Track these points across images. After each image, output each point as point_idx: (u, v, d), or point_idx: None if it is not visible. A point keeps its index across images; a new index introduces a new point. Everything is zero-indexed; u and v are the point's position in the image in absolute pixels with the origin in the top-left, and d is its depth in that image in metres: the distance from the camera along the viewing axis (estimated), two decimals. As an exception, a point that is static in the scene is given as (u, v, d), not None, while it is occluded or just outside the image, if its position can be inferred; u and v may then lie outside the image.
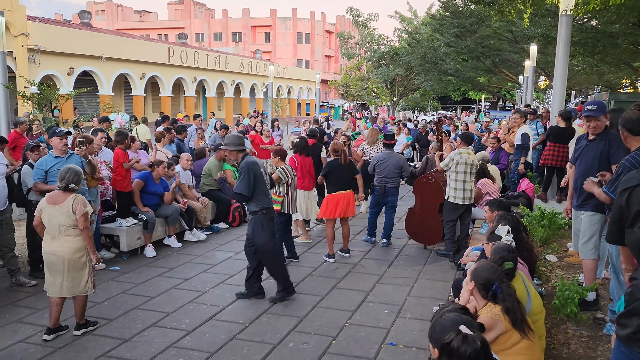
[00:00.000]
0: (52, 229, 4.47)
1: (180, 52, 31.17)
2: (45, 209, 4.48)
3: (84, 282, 4.58)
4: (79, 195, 4.56)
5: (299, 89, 50.26)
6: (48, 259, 4.52)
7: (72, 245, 4.48)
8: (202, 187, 8.89)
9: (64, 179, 4.50)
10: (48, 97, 10.70)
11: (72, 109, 20.05)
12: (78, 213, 4.44)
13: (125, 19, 69.31)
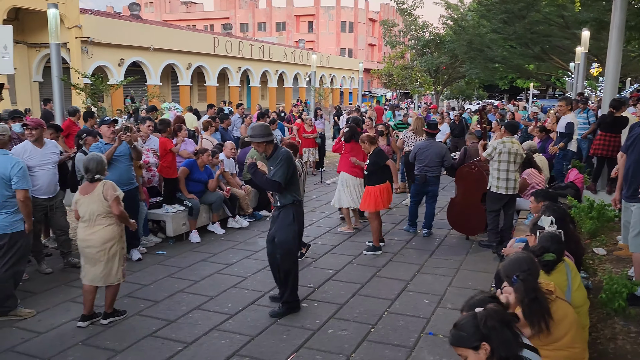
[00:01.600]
0: (86, 218, 4.56)
1: (225, 42, 31.58)
2: (80, 200, 4.58)
3: (114, 272, 4.65)
4: (107, 181, 4.63)
5: (342, 78, 50.07)
6: (81, 247, 4.64)
7: (103, 234, 4.55)
8: (245, 175, 9.04)
9: (89, 170, 4.56)
10: (100, 87, 11.09)
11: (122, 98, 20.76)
12: (110, 198, 4.51)
13: (173, 10, 70.72)
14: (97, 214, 4.53)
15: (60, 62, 9.25)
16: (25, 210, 4.72)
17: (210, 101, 29.67)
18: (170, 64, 27.77)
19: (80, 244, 4.65)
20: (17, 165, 4.64)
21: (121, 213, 4.59)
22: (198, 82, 33.11)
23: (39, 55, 23.48)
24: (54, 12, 8.87)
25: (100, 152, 5.98)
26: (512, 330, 2.12)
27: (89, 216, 4.54)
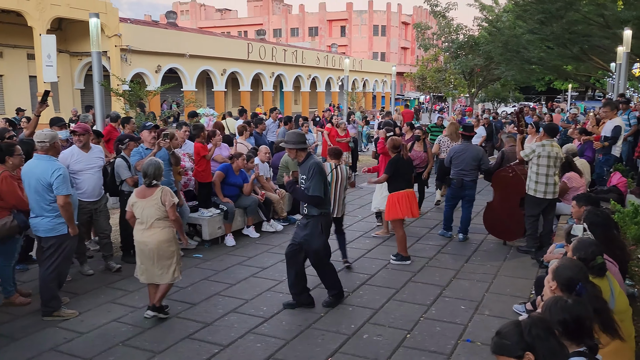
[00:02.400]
0: (143, 221, 4.75)
1: (258, 48, 31.94)
2: (136, 202, 4.76)
3: (171, 271, 4.83)
4: (165, 187, 4.82)
5: (375, 82, 49.91)
6: (139, 248, 4.82)
7: (161, 236, 4.73)
8: (279, 178, 9.10)
9: (147, 175, 4.75)
10: (138, 93, 11.38)
11: (159, 104, 21.22)
12: (168, 204, 4.71)
13: (208, 18, 72.00)
14: (154, 218, 4.69)
15: (101, 69, 9.53)
16: (65, 215, 4.85)
17: (244, 106, 30.05)
18: (205, 70, 28.25)
19: (138, 245, 4.81)
20: (57, 172, 4.76)
21: (177, 219, 4.79)
22: (232, 88, 33.58)
23: (81, 63, 24.27)
24: (95, 21, 9.16)
25: (140, 157, 6.16)
26: (557, 340, 2.06)
27: (146, 219, 4.71)
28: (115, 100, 12.02)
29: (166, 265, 4.80)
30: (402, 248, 6.69)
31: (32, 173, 4.79)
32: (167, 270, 4.81)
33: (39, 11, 19.58)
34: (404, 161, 6.74)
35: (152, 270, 4.79)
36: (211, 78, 29.46)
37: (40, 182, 4.74)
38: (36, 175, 4.75)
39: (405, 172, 6.75)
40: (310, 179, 4.91)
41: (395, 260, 6.66)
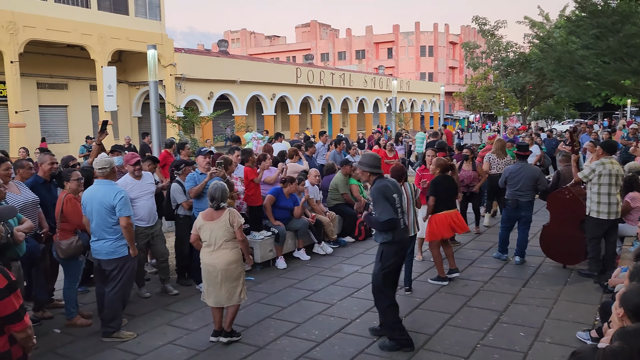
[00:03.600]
0: (211, 243, 4.84)
1: (307, 72, 32.48)
2: (204, 225, 4.86)
3: (238, 292, 4.90)
4: (232, 209, 4.94)
5: (423, 102, 49.59)
6: (206, 270, 4.89)
7: (228, 257, 4.82)
8: (330, 201, 9.13)
9: (214, 199, 4.84)
10: (192, 120, 11.77)
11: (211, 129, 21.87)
12: (236, 225, 4.81)
13: (258, 45, 74.03)
14: (223, 239, 4.79)
15: (158, 98, 9.94)
16: (127, 236, 5.04)
17: (293, 130, 30.51)
18: (255, 95, 28.95)
19: (205, 267, 4.89)
20: (119, 194, 4.98)
21: (245, 239, 4.91)
22: (282, 112, 34.20)
23: (138, 92, 25.43)
24: (153, 52, 9.59)
25: (194, 182, 6.34)
26: None
27: (214, 241, 4.80)
28: (171, 126, 12.48)
29: (233, 286, 4.86)
30: (439, 268, 6.62)
31: (93, 197, 5.01)
32: (234, 292, 4.87)
33: (101, 45, 20.77)
34: (447, 182, 6.64)
35: (219, 293, 4.85)
36: (261, 103, 30.15)
37: (102, 205, 4.95)
38: (98, 199, 4.97)
39: (448, 193, 6.67)
40: (376, 203, 4.74)
41: (432, 280, 6.59)
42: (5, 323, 2.64)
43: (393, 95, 23.34)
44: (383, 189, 4.71)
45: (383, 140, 14.29)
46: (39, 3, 18.92)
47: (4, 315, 2.61)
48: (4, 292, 2.59)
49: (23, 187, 5.39)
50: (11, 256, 4.50)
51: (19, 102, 18.59)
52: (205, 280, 4.93)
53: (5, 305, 2.59)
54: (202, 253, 4.93)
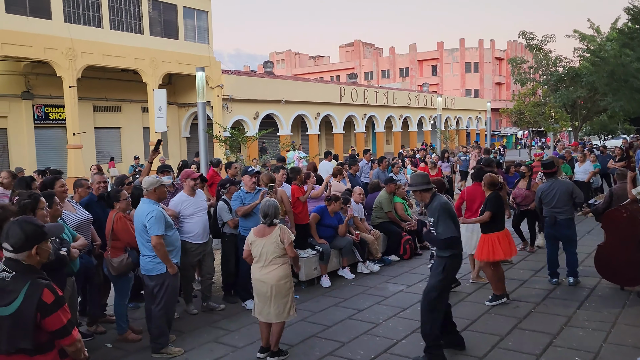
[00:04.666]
0: (261, 259, 4.92)
1: (350, 91, 32.65)
2: (255, 241, 4.96)
3: (287, 309, 4.93)
4: (283, 226, 5.01)
5: (468, 119, 48.83)
6: (257, 285, 4.97)
7: (278, 272, 4.88)
8: (374, 219, 9.08)
9: (267, 215, 4.93)
10: (238, 139, 12.03)
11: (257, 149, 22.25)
12: (286, 242, 4.88)
13: (302, 65, 75.15)
14: (273, 256, 4.87)
15: (206, 118, 10.23)
16: (159, 254, 5.07)
17: (337, 148, 30.63)
18: (300, 114, 29.31)
19: (255, 283, 4.97)
20: (150, 214, 5.05)
21: (295, 255, 4.98)
22: (326, 130, 34.43)
23: (187, 113, 26.24)
24: (201, 75, 9.92)
25: (240, 200, 6.46)
26: None
27: (265, 256, 4.89)
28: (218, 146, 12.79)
29: (282, 303, 4.90)
30: (497, 286, 6.42)
31: (136, 215, 5.19)
32: (284, 309, 4.91)
33: (153, 68, 21.62)
34: (501, 199, 6.52)
35: (268, 309, 4.90)
36: (305, 122, 30.47)
37: (140, 223, 5.10)
38: (137, 217, 5.14)
39: (503, 210, 6.55)
40: (438, 221, 4.79)
41: (490, 301, 6.38)
42: (55, 338, 2.73)
43: (438, 112, 23.17)
44: (445, 205, 4.83)
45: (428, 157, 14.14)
46: (95, 30, 19.93)
47: (53, 330, 2.70)
48: (52, 308, 2.68)
49: (78, 205, 5.64)
50: (67, 272, 4.69)
51: (77, 125, 19.52)
52: (255, 295, 5.00)
53: (53, 320, 2.68)
54: (253, 268, 5.01)
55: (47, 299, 2.67)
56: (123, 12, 20.97)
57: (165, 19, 22.57)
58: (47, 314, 2.66)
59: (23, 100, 20.64)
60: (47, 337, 2.70)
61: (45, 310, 2.65)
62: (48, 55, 18.48)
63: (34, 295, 2.65)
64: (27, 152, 20.66)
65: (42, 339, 2.69)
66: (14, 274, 2.69)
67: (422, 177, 5.00)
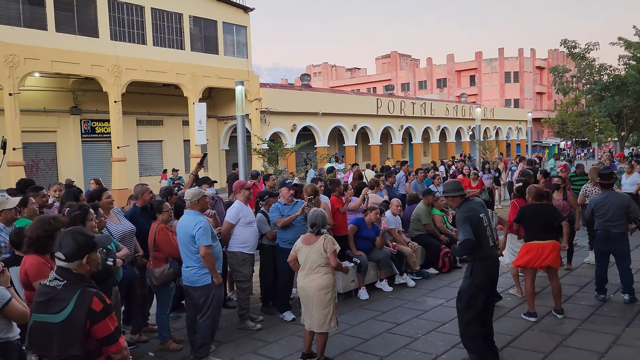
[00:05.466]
0: (305, 266, 5.02)
1: (387, 102, 32.61)
2: (301, 248, 5.07)
3: (329, 319, 4.95)
4: (328, 235, 5.07)
5: (508, 130, 47.88)
6: (301, 293, 5.10)
7: (320, 282, 4.94)
8: (412, 231, 9.00)
9: (315, 225, 5.03)
10: (276, 151, 12.17)
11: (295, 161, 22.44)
12: (329, 251, 4.93)
13: (339, 77, 75.57)
14: (316, 264, 4.95)
15: (245, 131, 10.41)
16: (207, 265, 5.16)
17: (374, 160, 30.56)
18: (337, 126, 29.43)
19: (300, 290, 5.08)
20: (198, 224, 5.14)
21: (338, 264, 5.03)
22: (362, 142, 34.43)
23: (226, 126, 26.76)
24: (240, 89, 10.12)
25: (279, 212, 6.52)
26: None
27: (309, 265, 4.98)
28: (256, 158, 12.98)
29: (324, 313, 4.93)
30: (529, 303, 6.32)
31: (180, 227, 5.29)
32: (325, 319, 4.94)
33: (193, 83, 22.20)
34: (539, 210, 6.32)
35: (311, 317, 4.98)
36: (342, 134, 30.56)
37: (186, 234, 5.19)
38: (183, 229, 5.23)
39: (542, 222, 6.28)
40: (458, 225, 4.97)
41: (525, 315, 6.29)
42: (102, 345, 2.82)
43: (477, 123, 22.83)
44: (466, 211, 4.91)
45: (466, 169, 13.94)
46: (139, 47, 20.64)
47: (101, 337, 2.79)
48: (100, 315, 2.77)
49: (122, 217, 5.82)
50: (112, 282, 4.84)
51: (121, 138, 20.18)
52: (301, 302, 5.12)
53: (101, 327, 2.77)
54: (298, 276, 5.12)
55: (96, 307, 2.76)
56: (165, 29, 21.65)
57: (205, 34, 23.18)
58: (96, 321, 2.75)
59: (71, 115, 21.55)
60: (95, 344, 2.80)
61: (94, 318, 2.75)
62: (95, 72, 19.23)
63: (84, 303, 2.75)
64: (74, 165, 21.48)
65: (91, 345, 2.79)
66: (65, 283, 2.81)
67: (455, 183, 5.18)
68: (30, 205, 5.34)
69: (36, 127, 20.03)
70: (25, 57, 17.20)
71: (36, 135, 20.02)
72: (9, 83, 16.86)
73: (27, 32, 17.51)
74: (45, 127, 20.75)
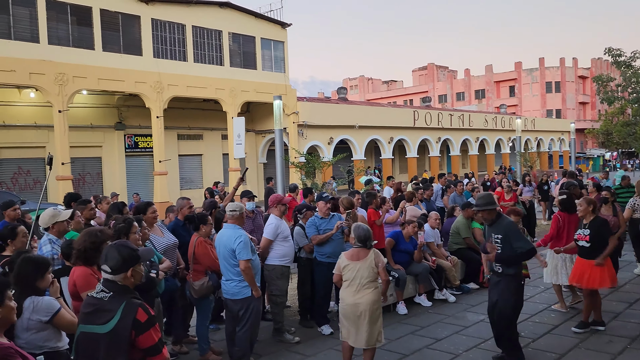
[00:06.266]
0: (355, 282, 4.89)
1: (424, 114, 32.37)
2: (348, 265, 4.93)
3: (376, 333, 4.90)
4: (375, 249, 5.02)
5: (550, 141, 46.71)
6: (349, 310, 4.89)
7: (371, 297, 4.87)
8: (451, 245, 8.86)
9: (362, 239, 4.93)
10: (314, 165, 12.25)
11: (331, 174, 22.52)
12: (380, 265, 4.90)
13: (375, 90, 75.57)
14: (367, 280, 4.86)
15: (282, 145, 10.53)
16: (247, 278, 5.21)
17: (410, 172, 30.31)
18: (373, 139, 29.39)
19: (347, 308, 4.89)
20: (239, 238, 5.20)
21: (387, 279, 5.04)
22: (399, 154, 34.24)
23: (264, 140, 27.12)
24: (278, 103, 10.26)
25: (315, 227, 6.55)
26: None
27: (359, 280, 4.87)
28: (294, 171, 13.09)
29: (374, 328, 4.87)
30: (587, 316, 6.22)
31: (220, 240, 5.36)
32: (374, 334, 4.88)
33: (232, 98, 22.65)
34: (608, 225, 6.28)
35: (359, 334, 4.85)
36: (379, 146, 30.48)
37: (226, 248, 5.26)
38: (223, 242, 5.30)
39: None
40: (513, 237, 5.03)
41: (578, 328, 6.12)
42: (146, 355, 2.88)
43: (517, 134, 22.38)
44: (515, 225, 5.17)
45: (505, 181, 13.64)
46: (181, 64, 21.24)
47: (145, 347, 2.86)
48: (145, 326, 2.84)
49: (165, 230, 5.96)
50: (155, 294, 4.96)
51: (163, 153, 20.73)
52: (346, 319, 4.93)
53: (146, 338, 2.84)
54: (344, 293, 4.94)
55: (141, 318, 2.84)
56: (206, 45, 22.22)
57: (244, 50, 23.66)
58: (141, 332, 2.83)
59: (116, 130, 22.30)
60: (140, 355, 2.87)
61: (139, 329, 2.82)
62: (138, 89, 19.89)
63: (129, 314, 2.83)
64: (118, 178, 22.18)
65: (136, 356, 2.86)
66: (112, 294, 2.90)
67: (488, 196, 5.31)
68: (76, 218, 5.54)
69: (83, 142, 20.80)
70: (74, 75, 17.96)
71: (83, 150, 20.78)
72: (58, 100, 17.62)
73: (76, 51, 18.30)
74: (91, 142, 21.53)
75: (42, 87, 17.46)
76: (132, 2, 19.78)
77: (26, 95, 19.49)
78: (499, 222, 5.14)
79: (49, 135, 19.25)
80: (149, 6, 20.21)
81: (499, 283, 5.20)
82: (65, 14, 18.20)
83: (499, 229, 5.14)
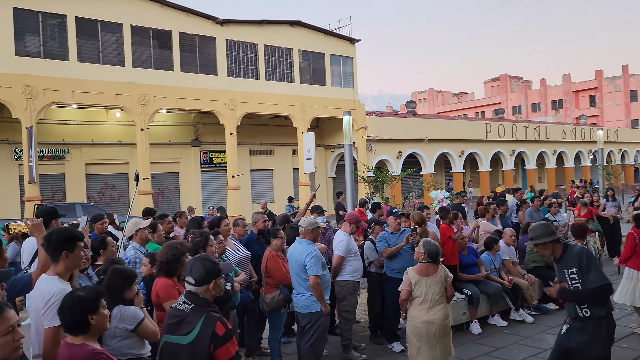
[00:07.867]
0: (427, 299, 4.79)
1: (497, 127, 31.40)
2: (419, 281, 4.83)
3: (450, 348, 4.87)
4: (442, 264, 4.97)
5: (636, 153, 43.72)
6: (423, 328, 4.74)
7: (444, 312, 4.83)
8: (528, 263, 8.50)
9: (434, 255, 4.84)
10: (382, 179, 12.21)
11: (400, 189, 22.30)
12: (449, 280, 4.88)
13: (445, 103, 74.24)
14: (439, 295, 4.80)
15: (352, 159, 10.59)
16: (316, 294, 5.25)
17: (483, 187, 29.40)
18: (443, 152, 28.84)
19: (420, 326, 4.75)
20: (310, 254, 5.27)
21: (453, 293, 4.99)
22: (471, 168, 33.35)
23: (333, 154, 27.36)
24: (348, 118, 10.32)
25: (385, 241, 6.54)
26: None
27: (431, 296, 4.78)
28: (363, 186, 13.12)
29: (447, 342, 4.83)
30: None
31: (292, 254, 5.47)
32: (448, 347, 4.84)
33: (302, 113, 23.11)
34: None
35: (433, 351, 4.74)
36: (449, 160, 29.86)
37: (297, 262, 5.34)
38: (295, 257, 5.40)
39: None
40: (587, 269, 4.07)
41: None
42: None
43: (599, 146, 21.16)
44: (589, 251, 4.25)
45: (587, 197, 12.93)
46: (253, 82, 21.98)
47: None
48: (223, 339, 2.93)
49: (238, 243, 6.17)
50: (230, 305, 5.13)
51: (236, 168, 21.45)
52: (417, 338, 4.77)
53: (224, 351, 2.93)
54: (417, 310, 4.80)
55: (219, 331, 2.94)
56: (277, 63, 22.86)
57: (313, 67, 24.11)
58: (219, 345, 2.92)
59: (192, 147, 23.34)
60: (219, 367, 2.98)
61: (217, 342, 2.92)
62: (213, 107, 20.77)
63: (208, 327, 2.94)
64: (194, 193, 23.15)
65: (215, 368, 2.97)
66: (193, 306, 3.03)
67: (546, 226, 4.30)
68: (159, 231, 5.87)
69: (162, 158, 21.92)
70: (155, 95, 19.07)
71: (162, 165, 21.90)
72: (140, 119, 18.76)
73: (157, 73, 19.44)
74: (169, 159, 22.66)
75: (126, 107, 18.68)
76: (208, 24, 20.77)
77: (112, 115, 20.88)
78: (568, 253, 4.18)
79: (132, 152, 20.48)
80: (224, 27, 21.12)
81: (584, 328, 4.14)
82: (147, 38, 19.42)
83: (570, 262, 4.15)
